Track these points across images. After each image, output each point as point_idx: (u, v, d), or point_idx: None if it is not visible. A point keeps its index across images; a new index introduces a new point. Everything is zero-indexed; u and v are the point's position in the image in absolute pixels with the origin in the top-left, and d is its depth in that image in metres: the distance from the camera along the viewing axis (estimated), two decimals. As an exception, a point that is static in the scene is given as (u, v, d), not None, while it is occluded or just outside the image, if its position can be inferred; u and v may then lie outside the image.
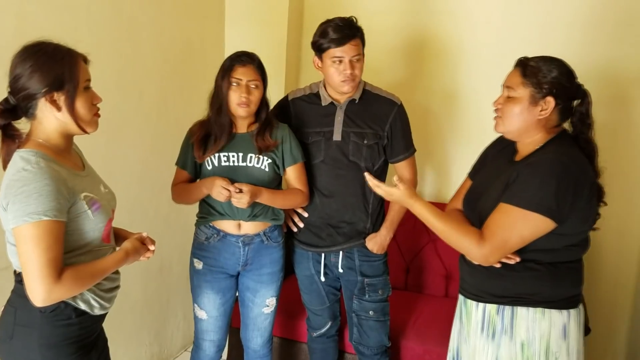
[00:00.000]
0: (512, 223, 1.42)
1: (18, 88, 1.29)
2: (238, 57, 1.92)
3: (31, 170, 1.26)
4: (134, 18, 2.29)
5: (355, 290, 2.11)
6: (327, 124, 2.02)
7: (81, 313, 1.39)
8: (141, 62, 2.37)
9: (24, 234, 1.24)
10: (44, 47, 1.30)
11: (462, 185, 1.78)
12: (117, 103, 2.18)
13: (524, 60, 1.50)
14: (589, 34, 2.56)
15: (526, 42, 2.62)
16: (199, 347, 2.11)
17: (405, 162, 2.09)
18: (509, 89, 1.51)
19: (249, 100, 1.88)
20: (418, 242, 2.80)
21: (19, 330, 1.34)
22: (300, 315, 2.47)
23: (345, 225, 2.06)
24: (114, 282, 1.50)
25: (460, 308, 1.69)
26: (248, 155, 1.94)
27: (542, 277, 1.49)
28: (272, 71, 2.91)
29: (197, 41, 2.74)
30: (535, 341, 1.49)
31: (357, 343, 2.18)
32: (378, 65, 2.80)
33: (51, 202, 1.25)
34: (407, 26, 2.86)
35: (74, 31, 1.95)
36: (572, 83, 1.48)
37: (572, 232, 1.46)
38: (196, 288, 2.05)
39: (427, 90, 2.89)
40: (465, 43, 2.77)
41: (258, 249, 2.01)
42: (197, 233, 2.05)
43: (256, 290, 2.07)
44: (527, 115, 1.48)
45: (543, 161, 1.44)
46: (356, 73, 1.94)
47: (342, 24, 1.90)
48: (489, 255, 1.45)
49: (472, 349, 1.60)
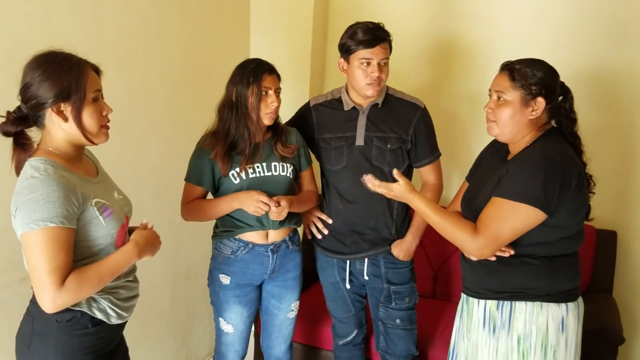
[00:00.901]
0: (503, 215, 1.46)
1: (27, 97, 1.29)
2: (263, 66, 1.86)
3: (39, 177, 1.26)
4: (160, 28, 2.33)
5: (382, 298, 2.08)
6: (350, 129, 2.01)
7: (98, 322, 1.39)
8: (167, 72, 2.40)
9: (31, 241, 1.24)
10: (54, 56, 1.30)
11: (460, 189, 1.83)
12: (143, 113, 2.21)
13: (509, 65, 1.56)
14: (612, 37, 2.52)
15: (554, 45, 2.58)
16: (224, 357, 2.08)
17: (430, 167, 2.06)
18: (498, 93, 1.56)
19: (277, 109, 1.87)
20: (446, 250, 2.76)
21: (36, 339, 1.35)
22: (324, 322, 2.45)
23: (370, 232, 2.03)
24: (132, 290, 1.50)
25: (461, 306, 1.73)
26: (272, 164, 1.92)
27: (538, 271, 1.52)
28: (296, 78, 2.95)
29: (223, 49, 2.76)
30: (532, 335, 1.52)
31: (384, 352, 2.15)
32: (403, 69, 2.79)
33: (58, 209, 1.25)
34: (432, 31, 2.84)
35: (101, 43, 1.99)
36: (557, 81, 1.54)
37: (564, 223, 1.49)
38: (223, 304, 1.99)
39: (453, 95, 2.86)
40: (491, 47, 2.73)
41: (284, 254, 2.00)
42: (220, 247, 1.98)
43: (282, 297, 2.06)
44: (519, 117, 1.53)
45: (530, 155, 1.50)
46: (382, 77, 1.92)
47: (373, 27, 1.89)
48: (483, 248, 1.49)
49: (473, 344, 1.64)
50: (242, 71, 1.86)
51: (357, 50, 1.89)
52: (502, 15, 2.70)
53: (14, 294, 1.77)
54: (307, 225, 2.14)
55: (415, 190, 1.65)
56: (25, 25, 1.73)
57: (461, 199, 1.74)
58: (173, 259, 2.54)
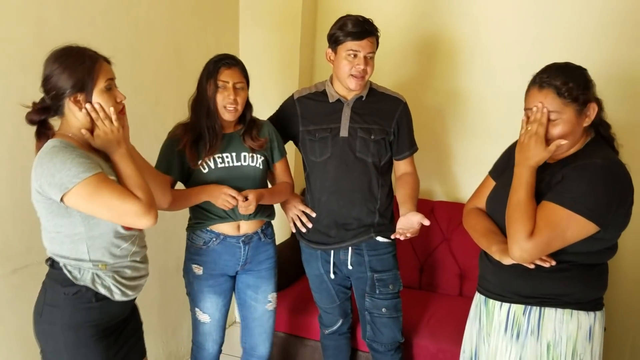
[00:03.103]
0: (556, 222, 1.39)
1: (48, 88, 1.41)
2: (222, 60, 1.89)
3: (57, 146, 1.38)
4: (150, 23, 2.35)
5: (367, 287, 2.12)
6: (334, 120, 2.04)
7: (102, 298, 1.47)
8: (157, 67, 2.43)
9: (81, 194, 1.35)
10: (69, 51, 1.41)
11: (483, 185, 1.75)
12: (133, 107, 2.21)
13: (548, 81, 1.45)
14: (600, 34, 2.54)
15: (538, 42, 2.62)
16: (202, 347, 2.10)
17: (409, 160, 2.12)
18: (552, 114, 1.45)
19: (237, 102, 1.88)
20: (432, 242, 2.81)
21: (47, 309, 1.45)
22: (311, 313, 2.50)
23: (353, 222, 2.06)
24: (139, 271, 1.57)
25: (478, 308, 1.68)
26: (241, 154, 1.96)
27: (573, 279, 1.49)
28: (285, 73, 2.98)
29: (212, 45, 2.79)
30: (562, 342, 1.49)
31: (370, 340, 2.19)
32: (389, 65, 2.83)
33: (89, 162, 1.37)
34: (418, 27, 2.88)
35: (91, 36, 2.00)
36: (591, 79, 1.48)
37: (609, 237, 1.46)
38: (198, 293, 2.02)
39: (435, 90, 2.90)
40: (474, 44, 2.78)
41: (256, 246, 2.04)
42: (193, 239, 2.01)
43: (257, 287, 2.08)
44: (577, 129, 1.47)
45: (592, 166, 1.42)
46: (368, 70, 1.96)
47: (362, 20, 1.93)
48: (529, 252, 1.41)
49: (493, 349, 1.59)
50: (205, 66, 1.92)
51: (345, 41, 1.93)
52: (487, 12, 2.73)
53: (6, 285, 1.81)
54: (292, 220, 2.18)
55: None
56: (16, 21, 1.76)
57: (489, 197, 1.67)
58: (163, 252, 2.57)
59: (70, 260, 1.45)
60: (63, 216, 1.41)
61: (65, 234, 1.43)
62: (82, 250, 1.44)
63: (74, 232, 1.43)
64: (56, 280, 1.45)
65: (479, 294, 1.68)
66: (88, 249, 1.44)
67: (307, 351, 2.57)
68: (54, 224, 1.43)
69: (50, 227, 1.44)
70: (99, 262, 1.46)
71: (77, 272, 1.45)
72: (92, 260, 1.45)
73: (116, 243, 1.48)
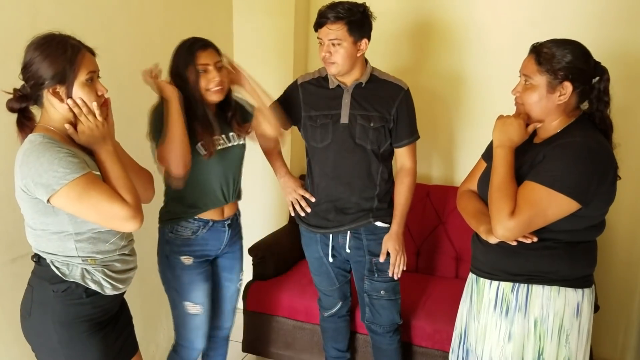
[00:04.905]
0: (537, 201, 1.42)
1: (27, 76, 1.35)
2: (195, 43, 1.83)
3: (41, 142, 1.33)
4: (143, 12, 2.34)
5: (365, 271, 2.15)
6: (335, 106, 2.05)
7: (92, 293, 1.45)
8: (150, 55, 2.40)
9: (68, 195, 1.31)
10: (51, 39, 1.35)
11: (476, 167, 1.78)
12: (127, 97, 2.23)
13: (537, 47, 1.49)
14: (598, 15, 2.54)
15: (533, 24, 2.62)
16: (191, 345, 2.04)
17: (408, 148, 2.09)
18: (525, 77, 1.50)
19: (223, 83, 1.84)
20: (428, 225, 2.83)
21: (36, 307, 1.43)
22: (311, 296, 2.52)
23: (352, 207, 2.08)
24: (128, 264, 1.55)
25: (470, 286, 1.71)
26: (229, 134, 1.96)
27: (560, 256, 1.51)
28: (280, 59, 2.98)
29: (206, 33, 2.73)
30: (549, 318, 1.51)
31: (369, 322, 2.22)
32: (384, 49, 2.83)
33: (77, 162, 1.33)
34: (413, 10, 2.87)
35: (85, 25, 2.01)
36: (589, 64, 1.47)
37: (594, 214, 1.48)
38: (189, 285, 1.96)
39: (433, 74, 2.90)
40: (471, 26, 2.78)
41: (235, 227, 2.08)
42: (178, 231, 1.94)
43: (232, 268, 2.11)
44: (546, 102, 1.48)
45: (572, 144, 1.43)
46: (333, 56, 1.95)
47: (328, 7, 1.93)
48: (511, 230, 1.43)
49: (482, 326, 1.63)
50: (176, 55, 1.86)
51: (315, 30, 1.98)
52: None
53: (6, 274, 1.82)
54: (292, 203, 2.20)
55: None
56: (9, 9, 1.75)
57: (480, 179, 1.69)
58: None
59: (58, 256, 1.42)
60: (50, 215, 1.37)
61: (53, 232, 1.40)
62: (70, 247, 1.41)
63: (61, 230, 1.39)
64: (44, 277, 1.42)
65: (472, 274, 1.71)
66: (76, 245, 1.41)
67: (306, 334, 2.60)
68: (40, 222, 1.39)
69: (36, 225, 1.40)
70: (88, 257, 1.43)
71: (66, 269, 1.42)
72: (81, 256, 1.42)
73: (105, 238, 1.46)
